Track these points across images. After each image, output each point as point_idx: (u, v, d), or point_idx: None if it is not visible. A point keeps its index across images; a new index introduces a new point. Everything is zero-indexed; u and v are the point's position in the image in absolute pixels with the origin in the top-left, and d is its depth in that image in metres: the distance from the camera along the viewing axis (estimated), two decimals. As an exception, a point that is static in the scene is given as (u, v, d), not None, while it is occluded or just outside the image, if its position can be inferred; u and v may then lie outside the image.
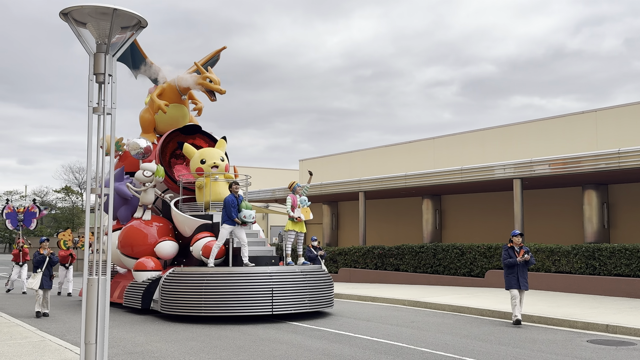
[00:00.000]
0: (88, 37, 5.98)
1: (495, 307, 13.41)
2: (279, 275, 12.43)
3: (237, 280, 12.12)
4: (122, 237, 15.00)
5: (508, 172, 19.21)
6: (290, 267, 12.91)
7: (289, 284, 12.43)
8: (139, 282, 14.08)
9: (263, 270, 12.38)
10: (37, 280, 13.69)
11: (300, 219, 13.86)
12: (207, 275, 12.28)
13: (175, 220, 14.78)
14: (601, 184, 19.35)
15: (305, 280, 12.72)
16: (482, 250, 19.26)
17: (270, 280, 12.26)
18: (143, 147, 15.43)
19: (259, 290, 12.10)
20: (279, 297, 12.20)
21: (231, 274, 12.23)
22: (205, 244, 13.40)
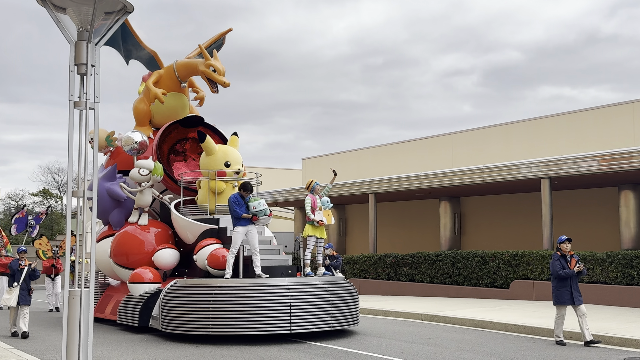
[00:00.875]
0: (68, 24, 6.00)
1: (521, 322, 13.39)
2: (298, 288, 11.90)
3: (250, 294, 11.60)
4: (115, 244, 14.64)
5: (535, 171, 19.18)
6: (309, 279, 12.45)
7: (310, 298, 11.89)
8: (136, 296, 13.68)
9: (279, 282, 11.89)
10: (13, 296, 13.17)
11: (322, 222, 13.28)
12: (215, 288, 11.82)
13: (175, 225, 14.39)
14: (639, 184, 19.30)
15: (327, 294, 12.18)
16: (507, 258, 19.24)
17: (287, 293, 11.74)
18: (138, 141, 14.92)
19: (276, 305, 11.57)
20: (298, 314, 11.67)
21: (243, 287, 11.70)
22: (212, 252, 12.99)
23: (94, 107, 5.97)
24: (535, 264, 18.49)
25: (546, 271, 18.19)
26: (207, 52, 15.10)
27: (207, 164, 14.37)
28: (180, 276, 13.83)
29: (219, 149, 14.49)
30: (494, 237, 23.83)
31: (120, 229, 14.94)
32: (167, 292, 12.51)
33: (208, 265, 12.92)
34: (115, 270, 14.77)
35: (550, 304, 17.11)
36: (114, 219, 15.40)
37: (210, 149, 14.40)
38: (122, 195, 14.95)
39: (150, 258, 14.11)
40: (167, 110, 16.06)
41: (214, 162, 14.28)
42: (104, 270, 15.68)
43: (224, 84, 14.87)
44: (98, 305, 15.65)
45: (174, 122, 15.73)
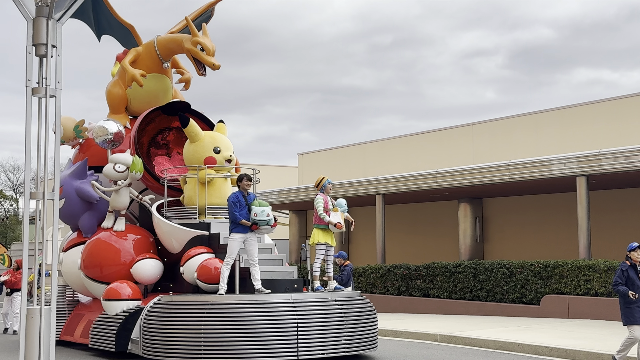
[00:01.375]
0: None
1: (554, 344, 13.41)
2: (307, 306, 11.48)
3: (249, 313, 11.19)
4: (86, 254, 14.28)
5: (569, 167, 19.20)
6: (319, 294, 12.08)
7: (320, 317, 11.47)
8: (111, 316, 13.29)
9: (284, 299, 11.49)
10: None
11: (340, 225, 13.01)
12: (207, 306, 11.37)
13: (158, 231, 14.03)
14: (691, 183, 19.33)
15: (341, 312, 11.76)
16: (537, 269, 19.26)
17: (294, 312, 11.30)
18: (113, 132, 14.50)
19: (280, 326, 11.15)
20: (307, 337, 11.22)
21: (241, 305, 11.30)
22: (202, 263, 12.62)
23: (56, 94, 5.97)
24: (570, 276, 18.50)
25: (582, 284, 18.21)
26: (194, 26, 14.71)
27: (193, 153, 14.01)
28: (165, 291, 13.58)
29: (206, 134, 14.24)
30: (522, 245, 23.84)
31: (92, 236, 14.63)
32: (150, 311, 12.16)
33: (198, 279, 12.58)
34: (87, 284, 14.45)
35: (588, 323, 17.17)
36: (85, 223, 14.99)
37: (195, 135, 14.06)
38: (94, 195, 14.67)
39: (129, 270, 13.78)
40: (147, 94, 15.64)
41: (201, 149, 13.94)
42: (73, 285, 15.41)
43: (212, 66, 14.60)
44: (66, 326, 15.40)
45: (155, 109, 15.38)
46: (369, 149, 30.70)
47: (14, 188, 66.17)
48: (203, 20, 15.93)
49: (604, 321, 17.29)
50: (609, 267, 17.73)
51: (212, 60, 14.53)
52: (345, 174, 29.42)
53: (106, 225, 14.47)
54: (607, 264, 17.88)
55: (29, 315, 5.56)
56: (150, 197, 14.93)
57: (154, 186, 14.94)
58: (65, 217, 15.09)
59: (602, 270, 17.84)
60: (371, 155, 30.17)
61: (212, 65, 14.55)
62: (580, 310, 18.09)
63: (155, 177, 14.81)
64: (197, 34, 14.59)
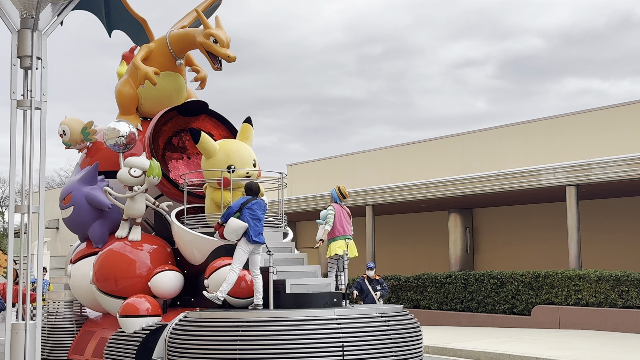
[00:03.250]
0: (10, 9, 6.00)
1: (545, 355, 13.42)
2: (353, 323, 10.52)
3: (291, 331, 10.25)
4: (98, 266, 13.17)
5: (559, 177, 19.26)
6: (364, 310, 11.16)
7: (366, 335, 10.52)
8: (129, 334, 12.33)
9: (328, 315, 10.56)
10: None
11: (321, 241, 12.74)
12: (242, 323, 10.42)
13: (178, 240, 12.96)
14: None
15: (388, 329, 10.84)
16: (528, 279, 19.29)
17: (339, 330, 10.36)
18: (125, 134, 13.45)
19: (324, 345, 10.21)
20: (354, 357, 10.29)
21: (281, 322, 10.37)
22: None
23: (41, 106, 5.97)
24: (561, 286, 18.54)
25: (573, 294, 18.26)
26: (205, 19, 13.80)
27: (207, 166, 13.18)
28: (185, 306, 12.64)
29: (220, 147, 13.10)
30: (512, 255, 23.87)
31: (105, 246, 13.53)
32: (176, 329, 11.12)
33: (227, 294, 11.66)
34: (100, 299, 13.29)
35: (579, 333, 17.19)
36: (95, 233, 13.81)
37: (208, 151, 13.05)
38: (105, 203, 13.55)
39: (146, 283, 12.71)
40: (160, 94, 14.59)
41: (214, 166, 12.97)
42: (83, 299, 14.26)
43: (227, 58, 13.63)
44: (75, 344, 14.39)
45: (171, 109, 14.33)
46: (358, 160, 30.72)
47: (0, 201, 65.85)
48: (212, 10, 15.20)
49: (595, 331, 17.33)
50: (600, 277, 17.78)
51: (227, 51, 13.57)
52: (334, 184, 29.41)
53: (120, 234, 13.37)
54: (597, 273, 17.92)
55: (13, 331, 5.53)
56: (167, 204, 13.83)
57: (170, 192, 13.77)
58: (73, 226, 14.20)
59: (593, 280, 17.89)
60: (361, 166, 30.20)
61: (227, 57, 13.59)
62: (571, 321, 18.12)
63: (172, 182, 13.72)
64: (210, 26, 13.66)
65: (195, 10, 14.33)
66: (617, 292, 17.53)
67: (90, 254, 13.69)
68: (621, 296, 17.46)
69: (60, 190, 16.23)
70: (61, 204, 14.26)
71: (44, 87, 6.00)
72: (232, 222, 11.11)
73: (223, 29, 13.81)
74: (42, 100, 5.99)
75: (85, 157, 14.97)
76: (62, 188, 14.78)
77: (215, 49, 13.48)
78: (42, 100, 5.99)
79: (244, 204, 11.27)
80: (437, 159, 27.10)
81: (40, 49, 6.00)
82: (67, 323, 14.55)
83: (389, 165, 28.72)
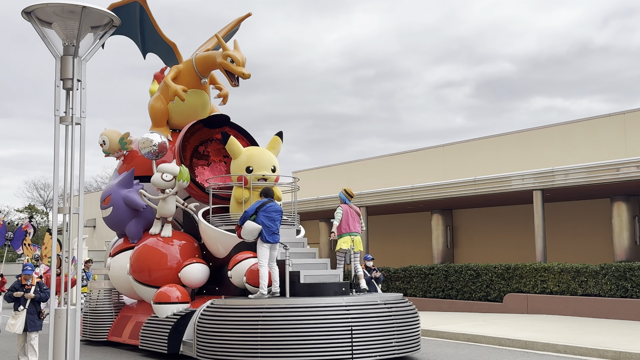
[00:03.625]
0: (54, 39, 6.01)
1: (515, 336, 13.38)
2: (360, 309, 10.32)
3: (306, 316, 10.03)
4: (135, 259, 13.21)
5: (527, 183, 19.25)
6: (370, 297, 10.93)
7: (373, 320, 10.35)
8: (161, 318, 12.22)
9: (338, 302, 10.31)
10: (19, 321, 11.26)
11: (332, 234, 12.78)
12: (263, 309, 10.21)
13: (204, 237, 12.90)
14: (632, 195, 19.39)
15: (391, 315, 10.63)
16: (500, 271, 19.25)
17: (348, 315, 10.15)
18: (157, 143, 13.50)
19: (335, 329, 9.98)
20: (361, 339, 10.07)
21: (297, 308, 10.14)
22: (251, 267, 11.45)
23: (80, 122, 5.97)
24: (529, 276, 18.51)
25: (539, 284, 18.22)
26: (223, 42, 13.82)
27: (233, 169, 13.02)
28: (209, 294, 12.58)
29: (244, 151, 13.06)
30: (487, 250, 23.85)
31: (140, 242, 13.54)
32: (204, 314, 10.98)
33: (247, 283, 11.40)
34: (136, 288, 13.29)
35: (545, 317, 17.15)
36: (131, 230, 13.89)
37: (234, 152, 13.03)
38: (141, 203, 13.61)
39: (176, 274, 12.67)
40: (187, 109, 14.58)
41: (237, 167, 12.90)
42: (121, 288, 14.25)
43: (242, 75, 13.48)
44: (114, 327, 14.29)
45: (197, 122, 14.27)
46: (354, 167, 30.69)
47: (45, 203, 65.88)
48: (231, 35, 15.11)
49: (558, 316, 17.31)
50: (562, 269, 17.75)
51: (242, 69, 13.47)
52: (334, 189, 29.39)
53: (154, 231, 13.45)
54: (560, 266, 17.90)
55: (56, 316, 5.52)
56: (194, 205, 13.88)
57: (197, 194, 13.78)
58: (112, 224, 14.18)
59: (556, 272, 17.86)
60: (356, 173, 30.16)
61: (242, 74, 13.53)
62: (537, 307, 18.09)
63: (199, 186, 13.67)
64: (227, 48, 13.65)
65: (215, 35, 14.23)
66: (577, 282, 17.49)
67: (127, 249, 13.85)
68: (581, 286, 17.43)
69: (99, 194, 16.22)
70: (101, 204, 14.17)
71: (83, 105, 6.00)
72: (248, 225, 11.03)
73: (240, 50, 13.80)
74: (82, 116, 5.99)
75: (122, 164, 15.07)
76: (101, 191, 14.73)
77: (232, 68, 13.47)
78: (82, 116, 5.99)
79: (259, 208, 11.13)
80: (422, 167, 27.07)
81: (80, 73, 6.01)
82: (106, 309, 14.56)
83: (380, 172, 28.69)
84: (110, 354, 12.88)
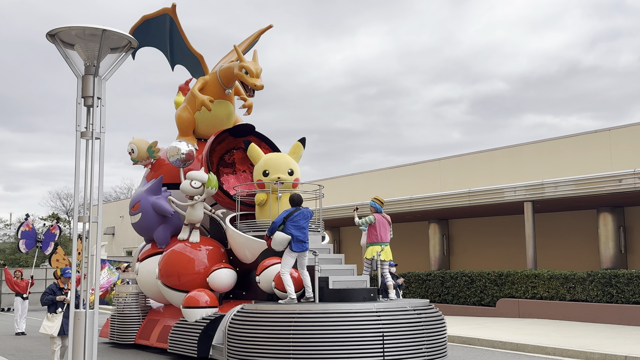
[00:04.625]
0: (76, 59, 6.06)
1: (507, 339, 13.32)
2: (391, 315, 9.71)
3: (338, 322, 9.43)
4: (163, 264, 12.73)
5: (518, 194, 19.21)
6: (399, 303, 10.26)
7: (403, 326, 9.71)
8: (191, 322, 11.74)
9: (369, 308, 9.67)
10: (56, 324, 10.94)
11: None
12: (295, 315, 9.61)
13: (232, 242, 12.37)
14: (617, 207, 19.34)
15: (420, 321, 9.97)
16: (493, 277, 19.18)
17: (379, 321, 9.55)
18: (185, 152, 13.15)
19: (367, 335, 9.38)
20: (392, 346, 9.45)
21: (329, 314, 9.53)
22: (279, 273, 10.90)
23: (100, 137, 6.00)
24: (520, 283, 18.43)
25: (530, 290, 18.14)
26: (241, 53, 13.23)
27: (254, 175, 12.70)
28: (236, 299, 12.14)
29: (263, 157, 12.73)
30: (481, 258, 23.77)
31: (169, 247, 13.05)
32: (235, 319, 10.37)
33: (275, 288, 10.77)
34: (164, 292, 12.79)
35: (535, 321, 17.06)
36: (160, 235, 13.43)
37: (254, 158, 12.74)
38: (169, 210, 13.17)
39: (204, 279, 12.19)
40: (213, 118, 14.12)
41: (256, 172, 12.55)
42: (148, 292, 13.78)
43: (254, 87, 12.97)
44: (141, 330, 13.82)
45: (223, 131, 13.85)
46: (356, 180, 30.69)
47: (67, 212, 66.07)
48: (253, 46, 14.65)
49: (548, 320, 17.22)
50: (552, 276, 17.68)
51: (254, 80, 12.89)
52: (337, 200, 29.40)
53: (182, 237, 12.97)
54: (549, 273, 17.82)
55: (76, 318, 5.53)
56: (221, 211, 13.40)
57: (224, 201, 13.29)
58: (141, 230, 13.75)
59: (546, 278, 17.79)
60: (358, 184, 30.15)
61: (254, 85, 12.98)
62: (528, 311, 18.00)
63: (225, 193, 13.20)
64: (243, 59, 13.09)
65: (233, 46, 13.66)
66: (565, 288, 17.41)
67: (155, 254, 13.40)
68: (569, 291, 17.34)
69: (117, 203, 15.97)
70: (130, 211, 13.76)
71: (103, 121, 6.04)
72: (277, 236, 10.49)
73: (257, 61, 13.25)
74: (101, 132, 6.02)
75: (149, 172, 14.63)
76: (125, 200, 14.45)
77: (245, 79, 12.98)
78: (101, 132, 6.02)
79: (287, 218, 10.58)
80: (420, 179, 27.06)
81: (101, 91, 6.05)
82: (134, 312, 14.14)
83: (381, 184, 28.67)
84: (139, 357, 12.63)
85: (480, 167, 24.94)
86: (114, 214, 45.95)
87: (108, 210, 46.01)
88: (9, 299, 30.51)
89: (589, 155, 21.43)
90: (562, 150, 22.38)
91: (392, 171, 29.14)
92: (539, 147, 23.23)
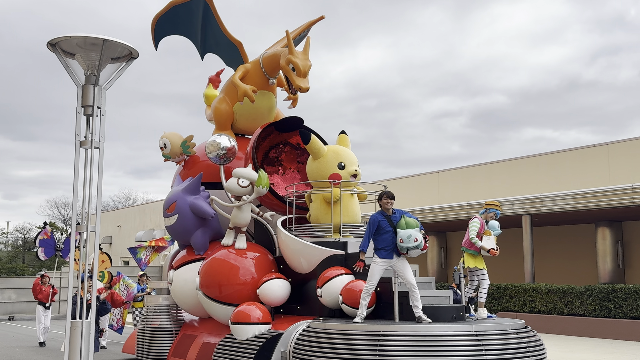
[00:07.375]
0: (76, 69, 6.07)
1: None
2: (492, 339, 8.04)
3: (431, 347, 7.80)
4: (204, 272, 10.99)
5: (517, 208, 19.22)
6: (498, 325, 8.55)
7: (506, 352, 8.01)
8: (241, 341, 10.06)
9: (467, 331, 8.04)
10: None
11: (494, 251, 10.17)
12: (380, 337, 8.01)
13: (284, 249, 10.61)
14: (615, 221, 19.34)
15: (523, 346, 8.29)
16: (491, 291, 19.14)
17: (477, 347, 7.85)
18: (226, 147, 11.41)
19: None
20: None
21: (421, 336, 7.93)
22: (348, 285, 9.25)
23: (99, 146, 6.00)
24: (518, 296, 18.39)
25: (528, 304, 18.10)
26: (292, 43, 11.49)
27: (317, 170, 10.79)
28: (287, 313, 10.54)
29: (329, 149, 11.02)
30: (479, 271, 23.76)
31: (211, 254, 11.29)
32: (303, 338, 8.84)
33: (344, 303, 9.22)
34: (205, 305, 11.09)
35: (532, 335, 17.00)
36: (197, 240, 11.67)
37: (317, 151, 10.89)
38: (209, 211, 11.46)
39: (251, 290, 10.56)
40: (253, 111, 12.48)
41: (324, 165, 10.72)
42: (183, 304, 11.88)
43: (299, 89, 11.38)
44: (175, 347, 11.91)
45: (269, 125, 12.13)
46: (354, 191, 30.69)
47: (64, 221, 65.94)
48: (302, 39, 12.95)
49: (545, 334, 17.17)
50: (549, 290, 17.65)
51: (299, 82, 11.30)
52: (335, 211, 29.37)
53: (226, 242, 11.18)
54: (547, 287, 17.80)
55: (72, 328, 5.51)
56: (270, 214, 11.60)
57: (272, 203, 11.48)
58: (176, 234, 12.03)
59: (544, 292, 17.76)
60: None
61: (299, 88, 11.38)
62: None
63: (274, 193, 11.42)
64: (293, 52, 11.44)
65: (286, 32, 11.87)
66: (563, 302, 17.37)
67: (192, 261, 11.64)
68: (567, 306, 17.31)
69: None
70: (165, 212, 12.03)
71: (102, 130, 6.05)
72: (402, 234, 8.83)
73: (307, 54, 11.63)
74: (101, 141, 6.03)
75: (182, 169, 13.04)
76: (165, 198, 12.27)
77: (291, 76, 11.45)
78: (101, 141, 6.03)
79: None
80: (419, 191, 27.07)
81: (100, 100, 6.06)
82: (165, 326, 12.22)
83: (379, 196, 28.69)
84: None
85: (478, 180, 24.96)
86: (112, 223, 45.91)
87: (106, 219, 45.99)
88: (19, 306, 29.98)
89: (587, 170, 21.47)
90: (561, 164, 22.42)
91: (391, 183, 29.08)
92: (538, 161, 23.27)
